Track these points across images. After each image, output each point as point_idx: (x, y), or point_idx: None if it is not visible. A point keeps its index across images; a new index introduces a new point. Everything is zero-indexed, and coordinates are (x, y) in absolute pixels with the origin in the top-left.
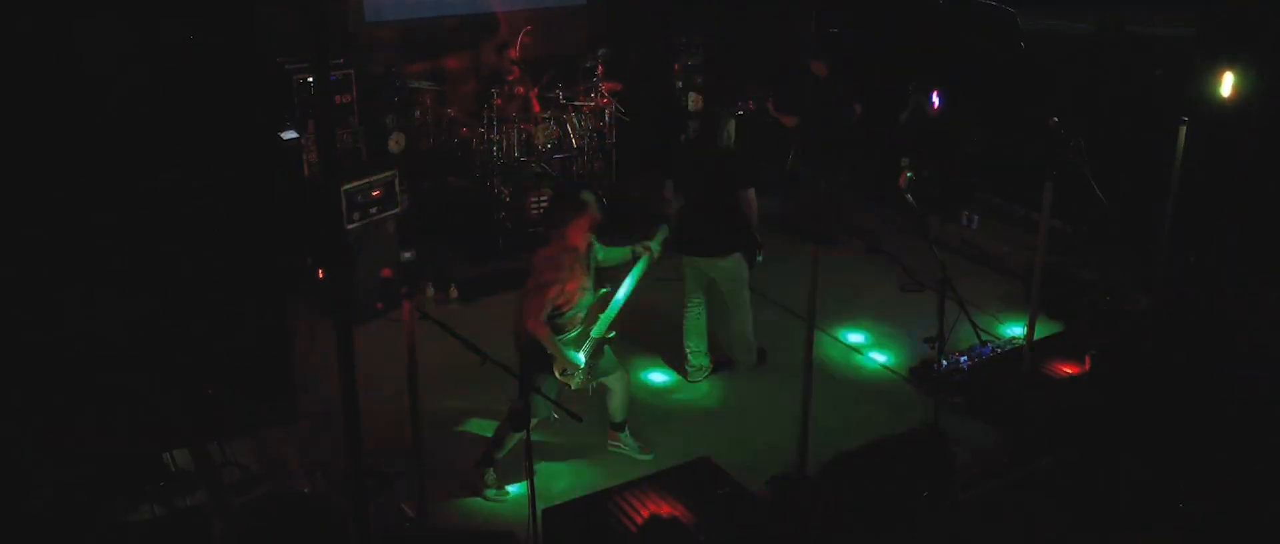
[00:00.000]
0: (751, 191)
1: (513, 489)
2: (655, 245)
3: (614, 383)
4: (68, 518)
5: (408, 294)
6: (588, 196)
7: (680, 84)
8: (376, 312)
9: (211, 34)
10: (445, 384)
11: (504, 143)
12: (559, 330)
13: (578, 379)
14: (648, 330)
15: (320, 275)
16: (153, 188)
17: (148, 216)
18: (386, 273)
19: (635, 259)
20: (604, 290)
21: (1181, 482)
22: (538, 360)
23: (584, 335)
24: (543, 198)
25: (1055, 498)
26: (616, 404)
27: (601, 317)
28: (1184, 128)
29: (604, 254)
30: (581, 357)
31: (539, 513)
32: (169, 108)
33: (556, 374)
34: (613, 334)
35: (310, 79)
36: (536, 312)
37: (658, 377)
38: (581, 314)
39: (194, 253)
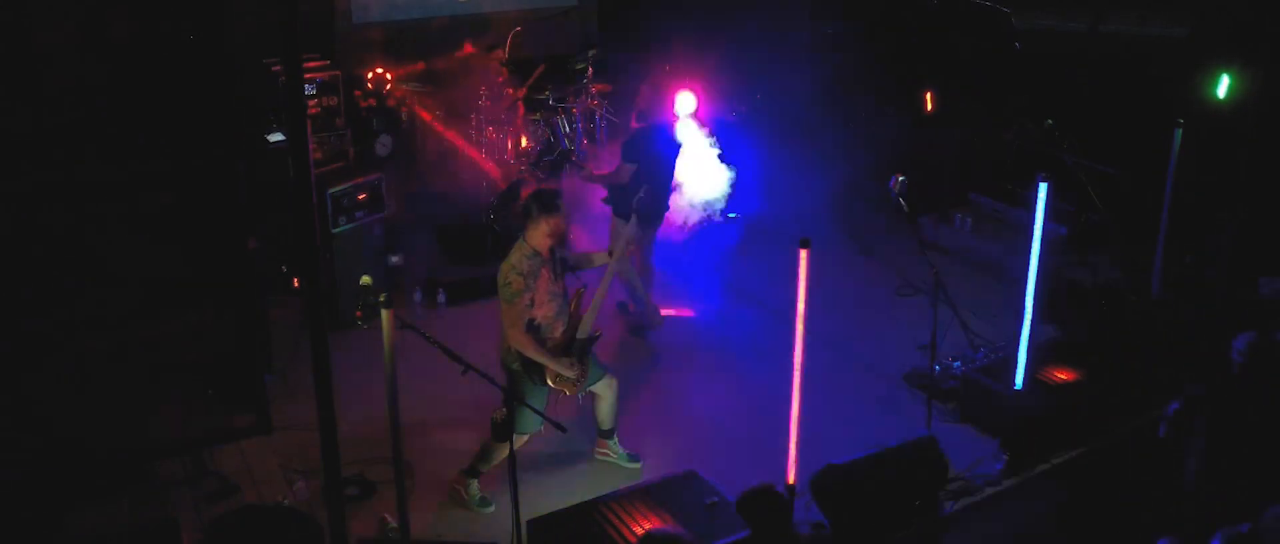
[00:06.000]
0: None
1: (496, 499)
2: (631, 239)
3: (603, 390)
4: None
5: (387, 302)
6: (548, 201)
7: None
8: (356, 320)
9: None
10: (430, 393)
11: (492, 145)
12: (542, 338)
13: (571, 383)
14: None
15: (295, 283)
16: (115, 179)
17: (114, 214)
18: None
19: (610, 256)
20: (582, 289)
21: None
22: (525, 377)
23: (569, 339)
24: None
25: (1051, 506)
26: (605, 411)
27: (584, 316)
28: (1180, 129)
29: (575, 260)
30: (572, 361)
31: (523, 523)
32: (133, 100)
33: (549, 382)
34: (599, 333)
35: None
36: (515, 322)
37: (650, 383)
38: (562, 319)
39: (161, 254)
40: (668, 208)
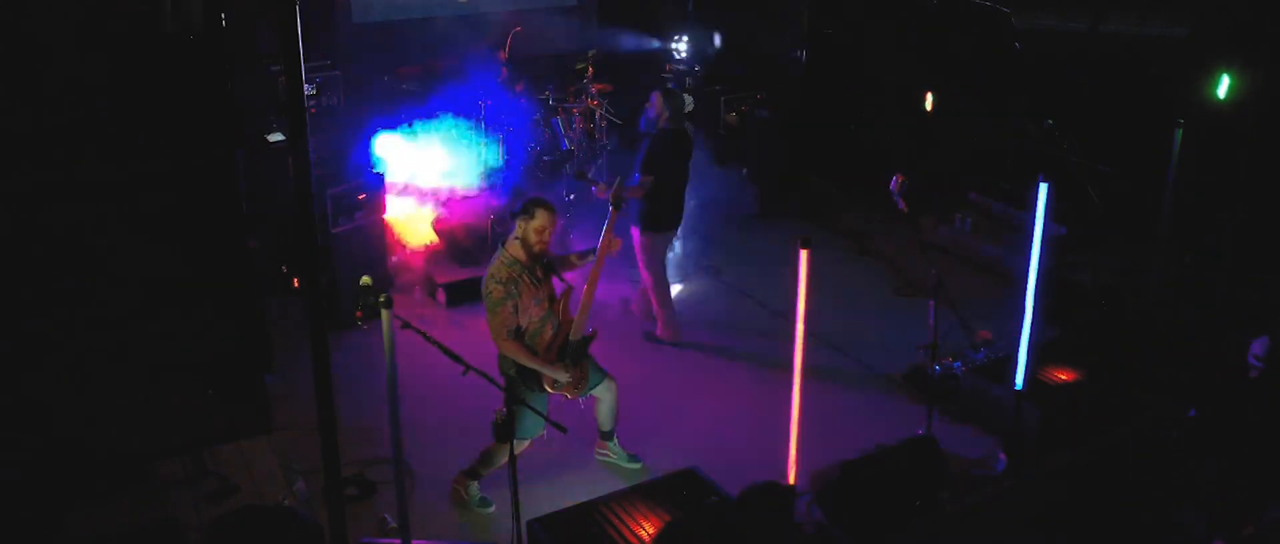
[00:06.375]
0: None
1: (497, 500)
2: (612, 235)
3: (603, 392)
4: (37, 523)
5: (387, 303)
6: (541, 209)
7: (671, 85)
8: (356, 320)
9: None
10: (430, 393)
11: (493, 144)
12: (534, 345)
13: (564, 385)
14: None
15: (295, 283)
16: (113, 178)
17: (114, 214)
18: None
19: (593, 254)
20: (568, 290)
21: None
22: (522, 384)
23: (562, 341)
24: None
25: (1051, 506)
26: (605, 413)
27: (575, 319)
28: (1180, 129)
29: (558, 262)
30: (567, 365)
31: (524, 524)
32: (133, 100)
33: (547, 388)
34: (593, 333)
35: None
36: (500, 331)
37: (647, 383)
38: (550, 324)
39: (161, 254)
40: (682, 214)
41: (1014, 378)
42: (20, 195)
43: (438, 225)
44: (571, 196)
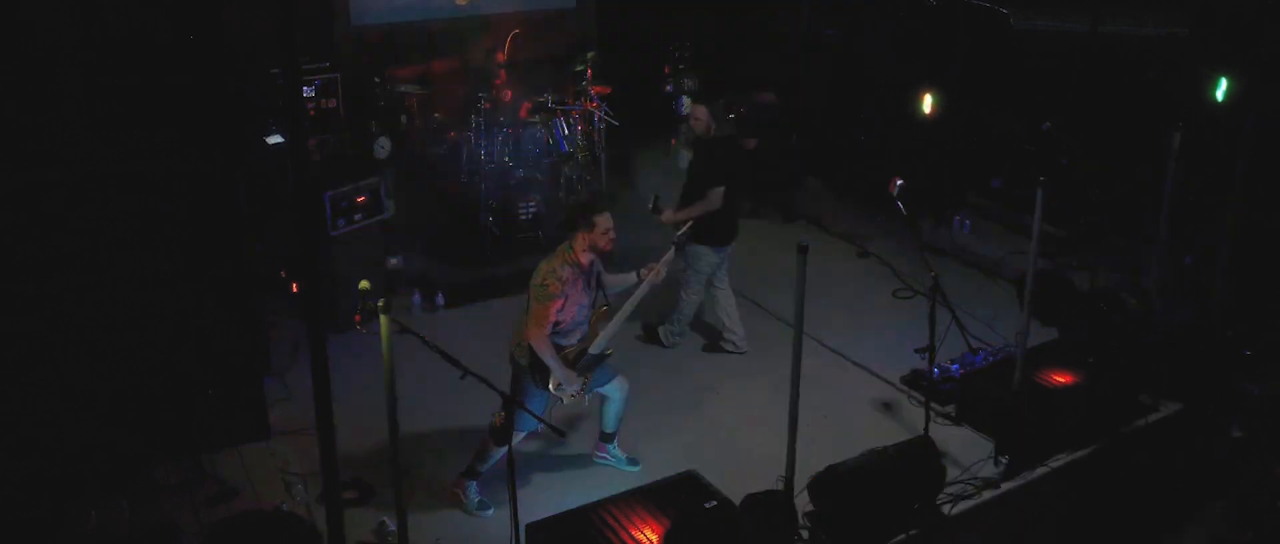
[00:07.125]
0: None
1: (495, 503)
2: (662, 270)
3: (613, 391)
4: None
5: (386, 306)
6: (600, 215)
7: (669, 88)
8: (355, 324)
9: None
10: (430, 396)
11: (492, 147)
12: (558, 345)
13: (570, 396)
14: (632, 338)
15: (294, 288)
16: (114, 179)
17: (113, 213)
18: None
19: (639, 281)
20: (603, 307)
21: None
22: (530, 375)
23: (582, 351)
24: (531, 203)
25: (1049, 508)
26: (611, 413)
27: (601, 334)
28: (1179, 130)
29: (609, 280)
30: (578, 373)
31: (522, 527)
32: (133, 100)
33: (550, 388)
34: (610, 351)
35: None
36: (540, 323)
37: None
38: (580, 330)
39: (161, 254)
40: (737, 227)
41: (1012, 380)
42: (21, 195)
43: None
44: (572, 199)
